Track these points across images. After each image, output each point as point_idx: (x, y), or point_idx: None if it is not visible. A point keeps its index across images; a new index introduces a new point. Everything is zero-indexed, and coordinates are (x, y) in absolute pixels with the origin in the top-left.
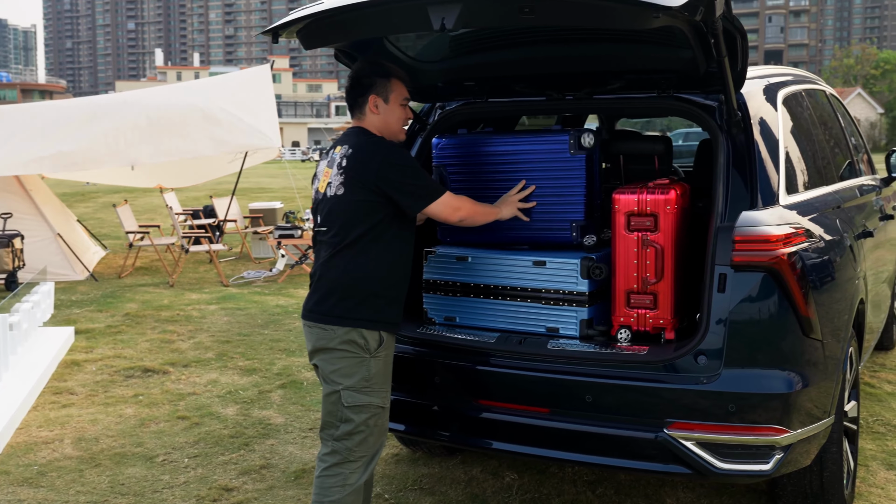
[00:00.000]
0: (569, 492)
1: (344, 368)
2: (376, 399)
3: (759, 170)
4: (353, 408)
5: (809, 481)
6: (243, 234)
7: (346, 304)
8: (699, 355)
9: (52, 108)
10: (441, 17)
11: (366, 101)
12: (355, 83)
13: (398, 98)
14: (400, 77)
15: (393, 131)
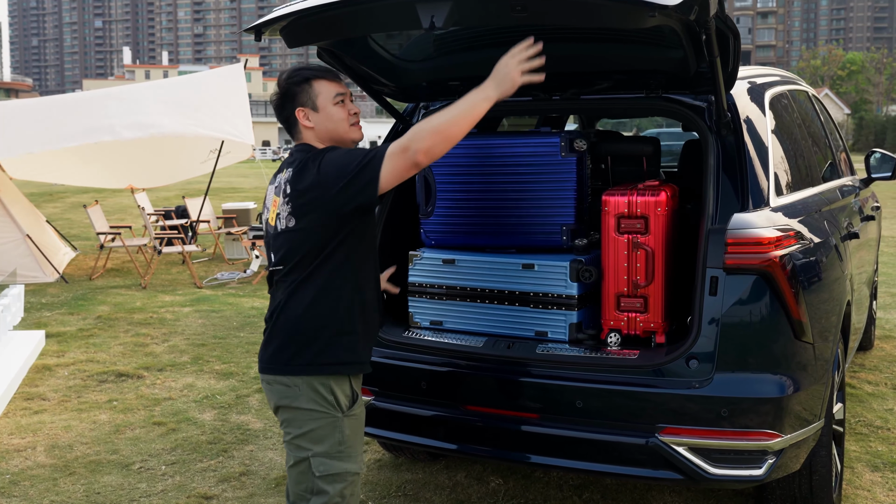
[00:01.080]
0: (555, 497)
1: (314, 431)
2: (353, 465)
3: (750, 171)
4: (327, 477)
5: (799, 485)
6: (216, 234)
7: (312, 350)
8: (691, 359)
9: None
10: (430, 16)
11: (295, 118)
12: (279, 102)
13: (328, 98)
14: (320, 75)
15: (339, 134)
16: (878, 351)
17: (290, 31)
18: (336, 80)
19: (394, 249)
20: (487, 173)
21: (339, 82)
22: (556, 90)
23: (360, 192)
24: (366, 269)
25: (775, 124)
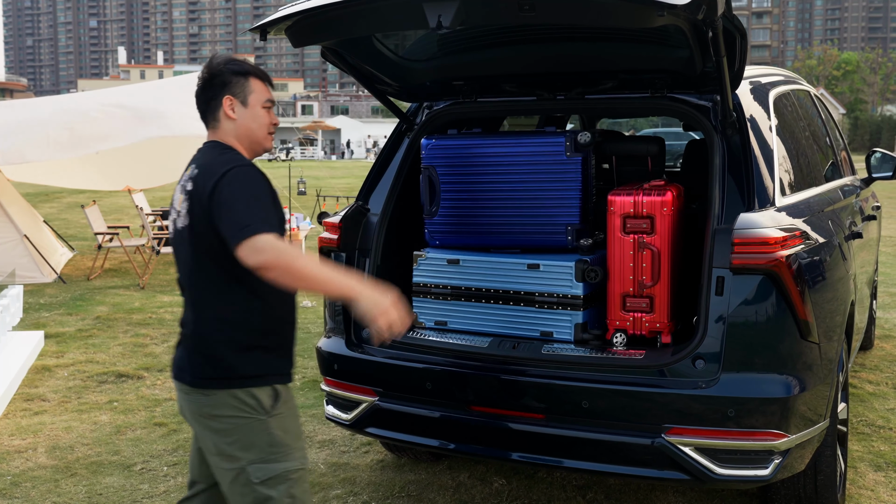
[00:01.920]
0: (559, 497)
1: (241, 438)
2: (293, 462)
3: (755, 171)
4: (268, 482)
5: (804, 485)
6: None
7: (223, 363)
8: (697, 359)
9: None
10: (437, 15)
11: (219, 103)
12: (207, 83)
13: (259, 100)
14: (260, 76)
15: (256, 139)
16: (878, 350)
17: (295, 31)
18: (270, 85)
19: (398, 250)
20: (492, 173)
21: (271, 89)
22: (560, 89)
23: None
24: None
25: (780, 124)
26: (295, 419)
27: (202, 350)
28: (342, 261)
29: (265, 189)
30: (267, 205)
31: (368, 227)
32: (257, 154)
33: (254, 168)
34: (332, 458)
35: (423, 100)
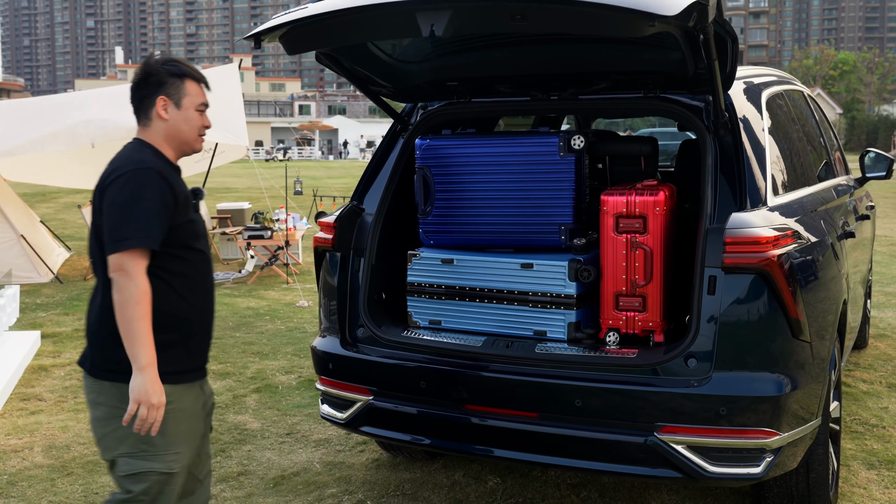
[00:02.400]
0: (553, 495)
1: (118, 430)
2: (159, 465)
3: (747, 171)
4: (130, 477)
5: (796, 483)
6: (211, 234)
7: (109, 356)
8: (689, 358)
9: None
10: (430, 24)
11: (153, 102)
12: (142, 82)
13: (193, 102)
14: (196, 78)
15: (186, 140)
16: (872, 350)
17: (289, 39)
18: (205, 88)
19: (393, 249)
20: (486, 173)
21: (206, 92)
22: (554, 90)
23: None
24: (167, 272)
25: (772, 124)
26: (183, 423)
27: (94, 340)
28: (337, 260)
29: (156, 198)
30: (151, 216)
31: (363, 227)
32: (185, 154)
33: (152, 174)
34: (328, 458)
35: (418, 100)
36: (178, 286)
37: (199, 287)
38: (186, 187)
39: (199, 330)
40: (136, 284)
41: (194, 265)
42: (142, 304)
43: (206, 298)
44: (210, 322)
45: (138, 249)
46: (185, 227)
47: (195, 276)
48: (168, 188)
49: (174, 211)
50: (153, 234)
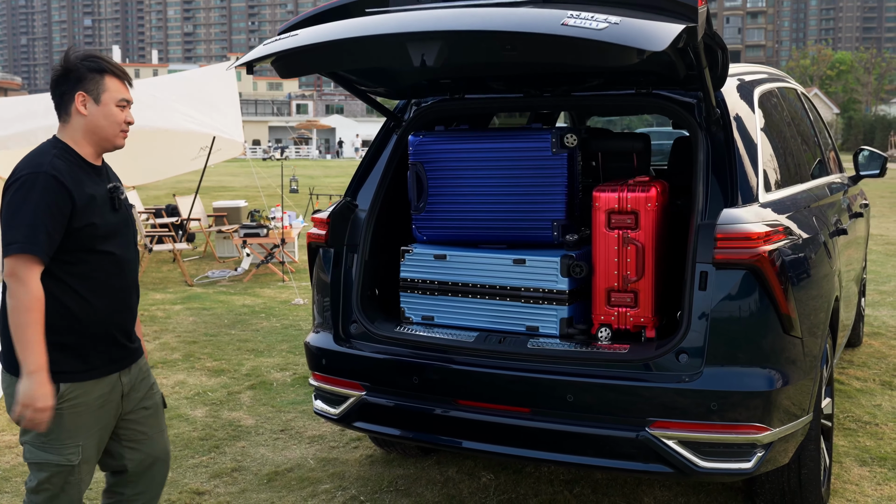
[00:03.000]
0: (546, 491)
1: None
2: (56, 457)
3: (739, 167)
4: (33, 465)
5: (787, 479)
6: (207, 232)
7: (7, 349)
8: (680, 353)
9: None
10: (421, 54)
11: (72, 98)
12: (61, 77)
13: (113, 98)
14: (117, 74)
15: (105, 136)
16: (866, 347)
17: (282, 65)
18: (128, 84)
19: (386, 245)
20: (479, 169)
21: (129, 88)
22: (547, 87)
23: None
24: (61, 273)
25: (764, 121)
26: (85, 416)
27: (2, 337)
28: (331, 256)
29: (45, 203)
30: (38, 222)
31: (356, 223)
32: (106, 150)
33: (46, 178)
34: (322, 454)
35: (411, 97)
36: (80, 288)
37: (103, 288)
38: (105, 185)
39: (105, 330)
40: (27, 290)
41: (99, 267)
42: (32, 311)
43: (115, 299)
44: (123, 321)
45: (27, 255)
46: (84, 230)
47: (99, 277)
48: (63, 193)
49: (70, 216)
50: (39, 240)
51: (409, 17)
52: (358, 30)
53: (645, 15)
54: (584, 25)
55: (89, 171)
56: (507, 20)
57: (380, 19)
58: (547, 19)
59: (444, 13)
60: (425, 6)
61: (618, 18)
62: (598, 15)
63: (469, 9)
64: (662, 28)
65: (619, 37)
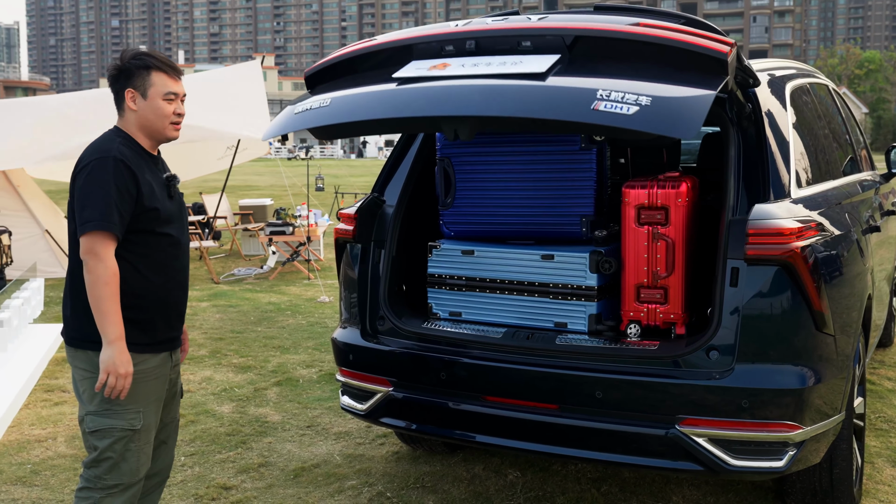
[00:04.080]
0: (573, 489)
1: (87, 391)
2: (119, 422)
3: (770, 163)
4: (96, 433)
5: (819, 478)
6: (233, 230)
7: (74, 324)
8: (711, 350)
9: (39, 103)
10: (454, 130)
11: (123, 95)
12: (115, 76)
13: (159, 92)
14: (163, 69)
15: (156, 129)
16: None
17: (318, 132)
18: (175, 77)
19: (413, 240)
20: (507, 164)
21: (178, 81)
22: None
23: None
24: (130, 252)
25: (796, 117)
26: (144, 384)
27: (68, 312)
28: (358, 251)
29: (117, 184)
30: (110, 202)
31: (384, 219)
32: (159, 142)
33: (113, 162)
34: (348, 450)
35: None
36: (141, 266)
37: (162, 267)
38: (161, 175)
39: (162, 307)
40: (104, 265)
41: (158, 248)
42: (110, 284)
43: (171, 278)
44: (177, 300)
45: (103, 232)
46: (148, 213)
47: (159, 257)
48: (130, 177)
49: (136, 198)
50: (113, 218)
51: (443, 95)
52: (393, 108)
53: (674, 77)
54: (615, 110)
55: (148, 160)
56: (538, 102)
57: (413, 94)
58: (577, 102)
59: (475, 90)
60: (455, 78)
61: (648, 98)
62: (629, 93)
63: (499, 81)
64: (693, 107)
65: (650, 124)
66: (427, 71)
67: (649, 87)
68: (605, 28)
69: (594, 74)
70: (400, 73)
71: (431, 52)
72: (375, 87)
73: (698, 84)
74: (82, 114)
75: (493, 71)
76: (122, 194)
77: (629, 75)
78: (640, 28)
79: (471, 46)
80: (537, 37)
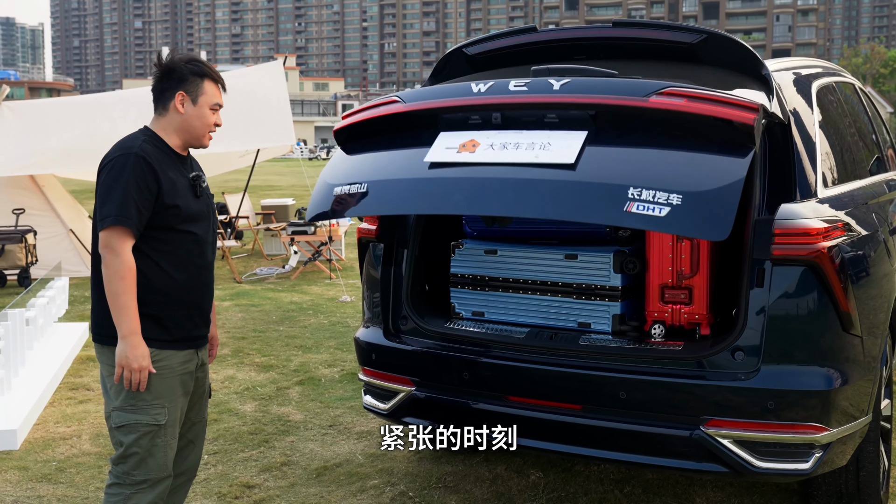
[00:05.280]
0: (596, 490)
1: (113, 387)
2: (145, 416)
3: (797, 162)
4: (122, 429)
5: (845, 481)
6: (255, 230)
7: (99, 321)
8: (736, 351)
9: (62, 104)
10: (493, 220)
11: (172, 95)
12: (165, 75)
13: (208, 101)
14: (215, 80)
15: (196, 136)
16: None
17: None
18: (222, 90)
19: (436, 240)
20: None
21: (222, 93)
22: None
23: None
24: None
25: (822, 116)
26: (169, 379)
27: (94, 309)
28: (381, 251)
29: (137, 180)
30: (129, 197)
31: (407, 218)
32: (192, 147)
33: (136, 159)
34: (370, 449)
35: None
36: (162, 262)
37: (184, 264)
38: (188, 174)
39: (185, 304)
40: (121, 260)
41: (181, 245)
42: (126, 279)
43: (193, 275)
44: (200, 297)
45: (120, 227)
46: (169, 211)
47: (181, 254)
48: (151, 174)
49: (157, 195)
50: (130, 214)
51: (479, 192)
52: (431, 204)
53: (702, 158)
54: (647, 212)
55: (174, 159)
56: (572, 203)
57: (449, 188)
58: (610, 203)
59: (510, 187)
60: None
61: (678, 196)
62: (660, 192)
63: (532, 173)
64: (724, 204)
65: (682, 227)
66: (457, 153)
67: (678, 178)
68: (629, 104)
69: (623, 159)
70: (432, 157)
71: (458, 123)
72: (410, 174)
73: (726, 165)
74: (110, 115)
75: (523, 159)
76: (141, 190)
77: (657, 159)
78: (664, 100)
79: (497, 121)
80: (562, 111)
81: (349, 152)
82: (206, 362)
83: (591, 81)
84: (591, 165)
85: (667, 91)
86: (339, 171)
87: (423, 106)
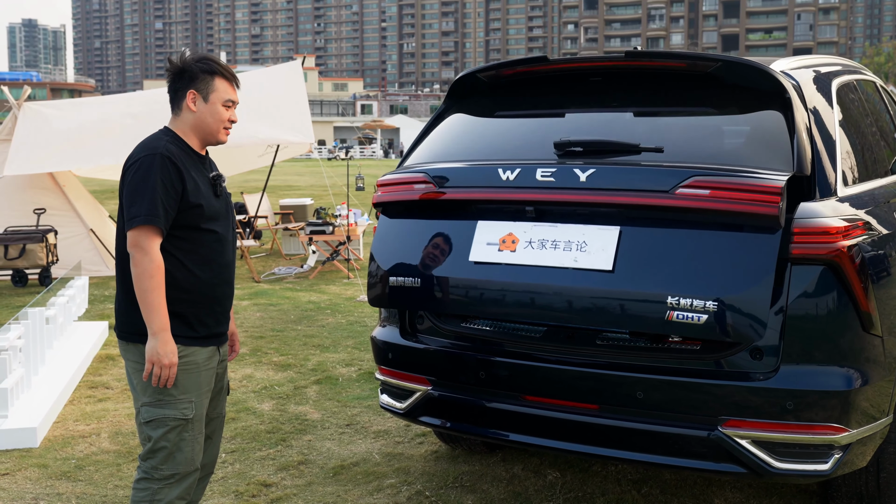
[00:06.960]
0: (613, 490)
1: (140, 383)
2: (173, 411)
3: (816, 160)
4: (150, 423)
5: (865, 482)
6: (274, 230)
7: (125, 319)
8: (755, 351)
9: (83, 104)
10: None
11: (184, 95)
12: (177, 76)
13: (220, 98)
14: (226, 76)
15: (210, 132)
16: None
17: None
18: (235, 86)
19: None
20: None
21: (236, 89)
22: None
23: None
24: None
25: (842, 114)
26: (195, 375)
27: (119, 307)
28: None
29: (163, 180)
30: (156, 197)
31: None
32: (210, 144)
33: (161, 159)
34: (387, 449)
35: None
36: (186, 261)
37: (206, 262)
38: (208, 174)
39: (208, 301)
40: (150, 259)
41: (204, 243)
42: (155, 277)
43: (216, 273)
44: (223, 295)
45: (149, 227)
46: (193, 209)
47: (204, 252)
48: (176, 174)
49: (181, 194)
50: (158, 213)
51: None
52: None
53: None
54: (686, 321)
55: (195, 159)
56: (615, 313)
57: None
58: (652, 314)
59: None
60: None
61: (714, 303)
62: (697, 300)
63: (572, 273)
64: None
65: (718, 333)
66: (498, 252)
67: (711, 280)
68: (656, 202)
69: (657, 258)
70: (476, 257)
71: (493, 212)
72: (456, 272)
73: (755, 260)
74: (130, 115)
75: (563, 262)
76: (167, 190)
77: (689, 256)
78: (690, 192)
79: (531, 214)
80: (593, 208)
81: (392, 223)
82: (226, 359)
83: (616, 173)
84: (628, 270)
85: (692, 183)
86: (390, 255)
87: (459, 196)
